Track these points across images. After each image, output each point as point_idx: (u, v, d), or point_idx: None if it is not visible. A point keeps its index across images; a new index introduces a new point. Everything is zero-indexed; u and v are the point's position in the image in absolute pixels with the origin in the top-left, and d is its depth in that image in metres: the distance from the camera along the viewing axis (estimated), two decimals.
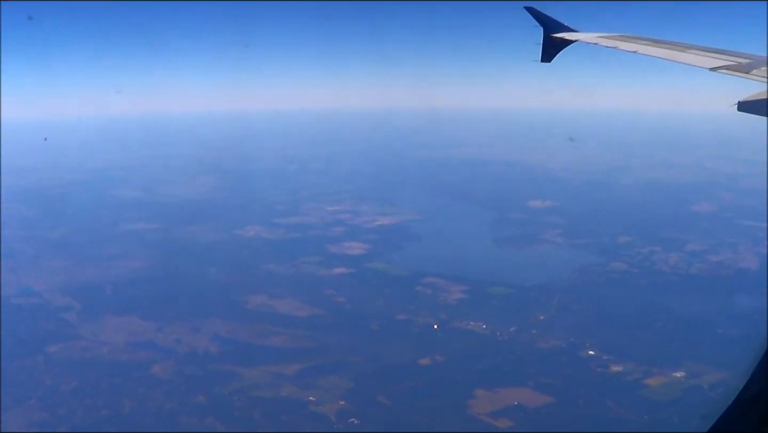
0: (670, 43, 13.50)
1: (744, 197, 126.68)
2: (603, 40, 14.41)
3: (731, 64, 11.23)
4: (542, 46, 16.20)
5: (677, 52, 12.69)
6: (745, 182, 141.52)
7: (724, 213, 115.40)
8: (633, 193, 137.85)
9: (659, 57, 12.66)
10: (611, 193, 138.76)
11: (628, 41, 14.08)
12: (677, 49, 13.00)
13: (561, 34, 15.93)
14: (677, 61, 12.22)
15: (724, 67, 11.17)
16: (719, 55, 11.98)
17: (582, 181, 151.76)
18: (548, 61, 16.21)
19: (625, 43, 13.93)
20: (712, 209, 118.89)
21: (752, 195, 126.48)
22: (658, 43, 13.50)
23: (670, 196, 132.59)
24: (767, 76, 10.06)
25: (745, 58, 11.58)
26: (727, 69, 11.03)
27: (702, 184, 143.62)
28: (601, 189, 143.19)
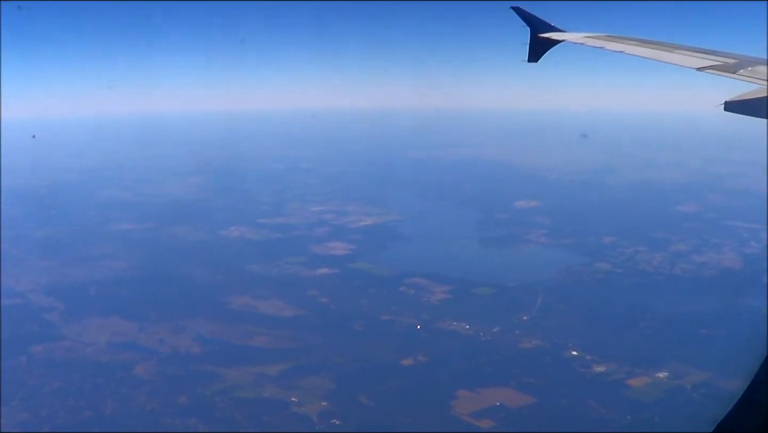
0: (657, 44, 13.55)
1: (729, 198, 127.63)
2: (590, 41, 14.47)
3: (718, 65, 11.31)
4: (529, 47, 16.27)
5: (664, 53, 12.74)
6: (731, 183, 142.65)
7: (709, 213, 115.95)
8: (619, 193, 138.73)
9: (646, 57, 12.68)
10: (598, 194, 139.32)
11: (614, 41, 14.11)
12: (664, 49, 13.04)
13: (548, 34, 16.00)
14: (664, 61, 12.27)
15: (711, 67, 11.24)
16: (706, 56, 12.05)
17: (569, 182, 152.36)
18: (535, 62, 16.30)
19: (611, 43, 13.96)
20: (697, 210, 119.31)
21: (737, 196, 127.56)
22: (645, 44, 13.54)
23: (656, 197, 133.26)
24: (753, 77, 10.16)
25: (732, 58, 11.64)
26: (714, 69, 11.10)
27: (688, 185, 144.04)
28: (587, 189, 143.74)
